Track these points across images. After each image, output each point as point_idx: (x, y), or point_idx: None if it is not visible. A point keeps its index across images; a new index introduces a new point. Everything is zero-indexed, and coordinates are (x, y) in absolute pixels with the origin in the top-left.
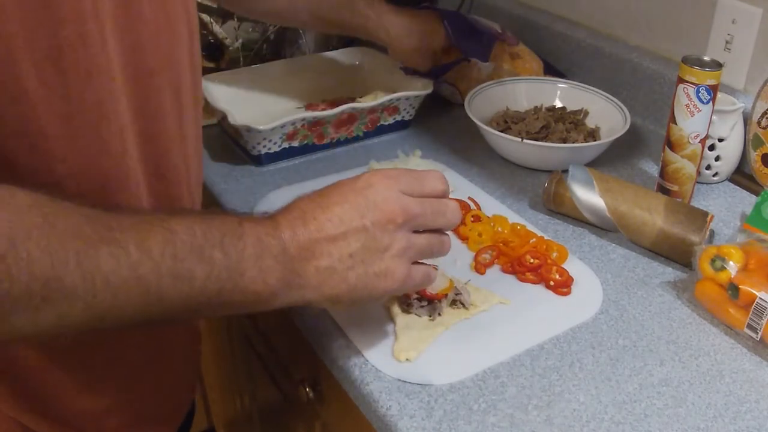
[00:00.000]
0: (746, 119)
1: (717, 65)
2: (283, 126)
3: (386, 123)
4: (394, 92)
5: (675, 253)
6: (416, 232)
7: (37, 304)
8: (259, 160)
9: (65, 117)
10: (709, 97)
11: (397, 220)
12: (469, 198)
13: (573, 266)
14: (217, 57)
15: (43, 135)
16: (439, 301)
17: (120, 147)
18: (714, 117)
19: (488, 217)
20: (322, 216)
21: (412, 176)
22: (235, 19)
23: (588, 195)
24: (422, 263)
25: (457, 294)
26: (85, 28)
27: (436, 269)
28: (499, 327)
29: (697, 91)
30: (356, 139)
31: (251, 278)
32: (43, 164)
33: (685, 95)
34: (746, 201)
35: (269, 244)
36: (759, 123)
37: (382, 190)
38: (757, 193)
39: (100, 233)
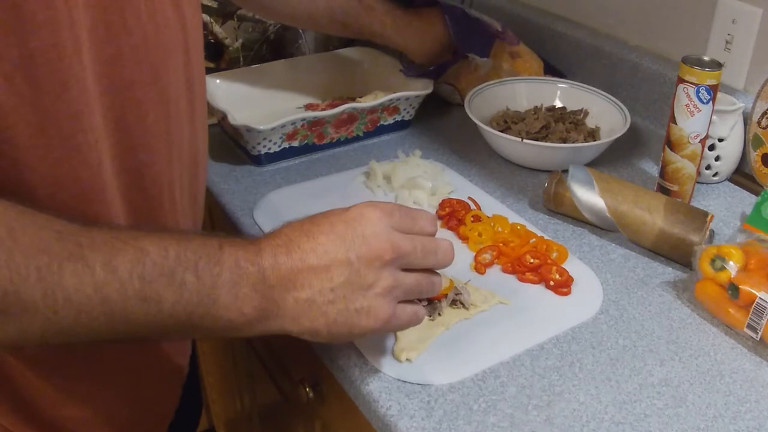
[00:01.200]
0: (746, 119)
1: (717, 65)
2: (283, 126)
3: (386, 123)
4: (394, 92)
5: (675, 253)
6: (405, 270)
7: None
8: (259, 160)
9: (37, 127)
10: (709, 97)
11: (384, 257)
12: (469, 198)
13: (573, 266)
14: (217, 57)
15: (13, 144)
16: (439, 301)
17: (96, 158)
18: (714, 117)
19: (488, 217)
20: (306, 245)
21: (404, 212)
22: (235, 19)
23: (588, 195)
24: (411, 302)
25: (457, 294)
26: (58, 38)
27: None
28: (499, 327)
29: (697, 91)
30: (356, 139)
31: (225, 305)
32: (13, 172)
33: (685, 95)
34: (746, 201)
35: (248, 271)
36: (759, 123)
37: (373, 224)
38: (757, 193)
39: (69, 249)
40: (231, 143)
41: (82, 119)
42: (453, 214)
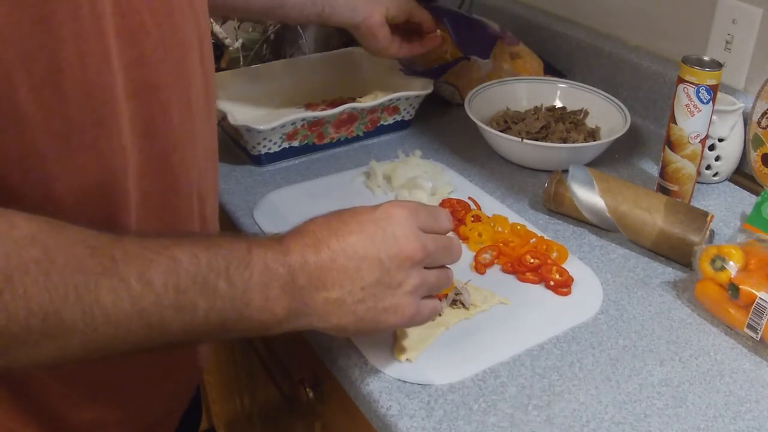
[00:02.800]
0: (746, 119)
1: (717, 65)
2: (283, 126)
3: (386, 123)
4: (394, 92)
5: (675, 253)
6: (427, 267)
7: (36, 339)
8: (259, 160)
9: (63, 137)
10: (709, 97)
11: (415, 257)
12: (469, 198)
13: (573, 266)
14: (217, 57)
15: (40, 155)
16: (440, 301)
17: (122, 164)
18: (714, 117)
19: (488, 217)
20: (336, 245)
21: (428, 211)
22: (235, 19)
23: (588, 195)
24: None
25: (457, 294)
26: (85, 48)
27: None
28: (499, 327)
29: (697, 91)
30: (356, 139)
31: (257, 308)
32: (39, 183)
33: (685, 95)
34: (746, 201)
35: (277, 272)
36: (759, 123)
37: (401, 224)
38: (757, 193)
39: (104, 265)
40: (231, 143)
41: (105, 125)
42: (453, 214)
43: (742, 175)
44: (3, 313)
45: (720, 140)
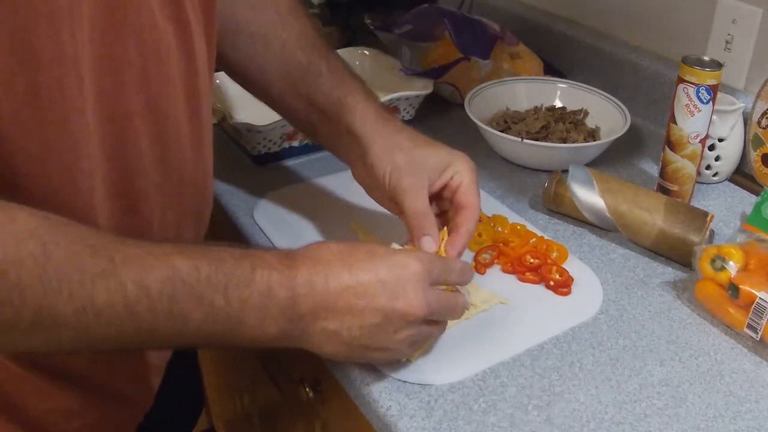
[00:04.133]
0: (746, 119)
1: (717, 65)
2: (283, 126)
3: None
4: (394, 92)
5: (675, 253)
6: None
7: (26, 328)
8: (259, 160)
9: (38, 159)
10: (709, 97)
11: (418, 316)
12: None
13: (573, 266)
14: None
15: (14, 172)
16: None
17: (89, 185)
18: (714, 117)
19: (488, 217)
20: (347, 280)
21: (443, 267)
22: None
23: (588, 195)
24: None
25: None
26: (63, 72)
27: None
28: (499, 327)
29: (697, 91)
30: None
31: (250, 326)
32: (12, 199)
33: (685, 95)
34: (746, 201)
35: (279, 297)
36: (759, 123)
37: (414, 279)
38: (757, 193)
39: (102, 265)
40: (231, 143)
41: (79, 149)
42: None
43: (742, 175)
44: None
45: (720, 140)
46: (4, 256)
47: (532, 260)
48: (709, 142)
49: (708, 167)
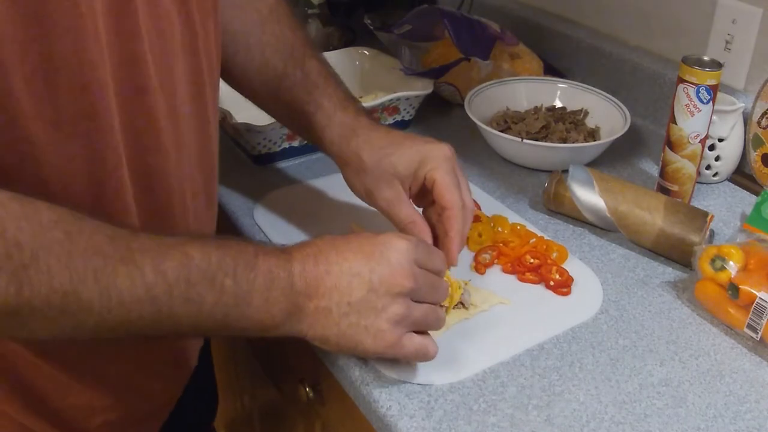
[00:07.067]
0: (746, 119)
1: (717, 65)
2: (282, 126)
3: (386, 123)
4: (394, 92)
5: (675, 253)
6: (415, 301)
7: (54, 314)
8: (259, 160)
9: (53, 124)
10: (709, 97)
11: (404, 286)
12: None
13: (573, 266)
14: None
15: (31, 142)
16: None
17: (114, 160)
18: (714, 117)
19: (488, 217)
20: (334, 258)
21: (426, 250)
22: None
23: (588, 195)
24: (423, 334)
25: None
26: (82, 45)
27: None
28: (499, 327)
29: (697, 91)
30: None
31: (257, 307)
32: (27, 164)
33: (685, 95)
34: (746, 201)
35: (279, 277)
36: (759, 123)
37: (399, 253)
38: (757, 193)
39: (121, 253)
40: (231, 143)
41: (98, 120)
42: None
43: (742, 175)
44: (27, 286)
45: (720, 140)
46: (34, 241)
47: (532, 260)
48: (709, 142)
49: (708, 167)
